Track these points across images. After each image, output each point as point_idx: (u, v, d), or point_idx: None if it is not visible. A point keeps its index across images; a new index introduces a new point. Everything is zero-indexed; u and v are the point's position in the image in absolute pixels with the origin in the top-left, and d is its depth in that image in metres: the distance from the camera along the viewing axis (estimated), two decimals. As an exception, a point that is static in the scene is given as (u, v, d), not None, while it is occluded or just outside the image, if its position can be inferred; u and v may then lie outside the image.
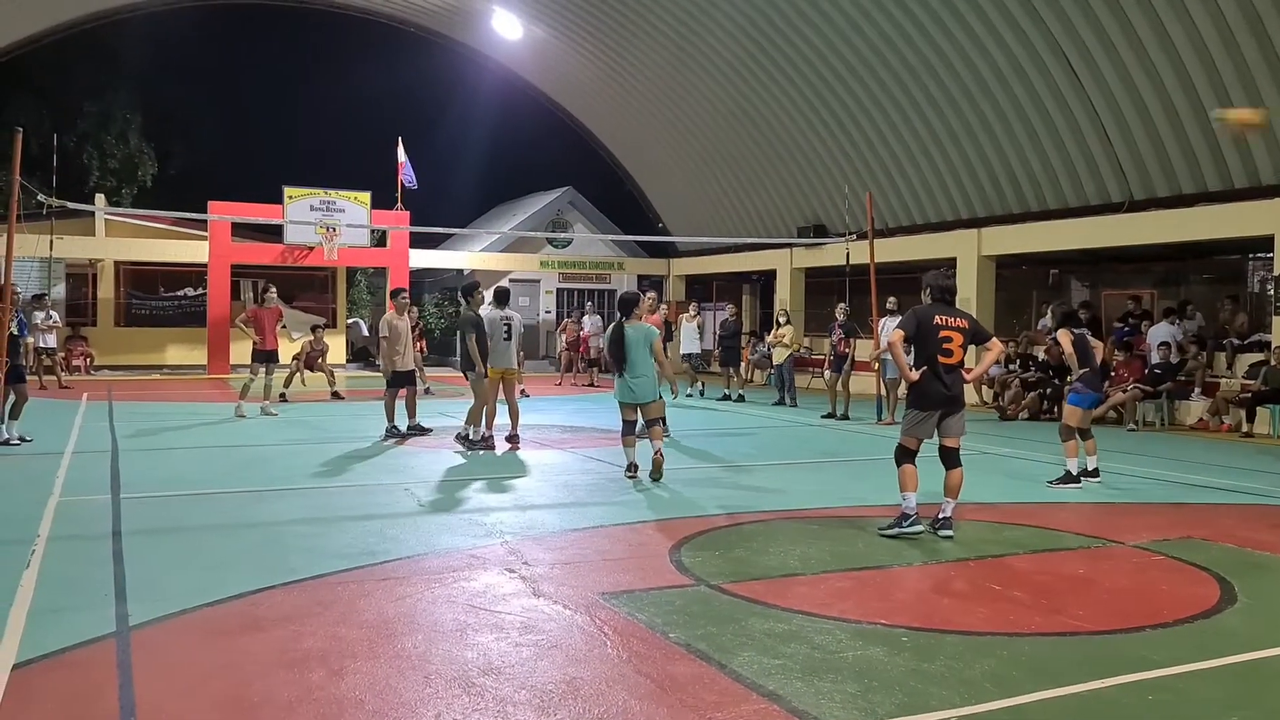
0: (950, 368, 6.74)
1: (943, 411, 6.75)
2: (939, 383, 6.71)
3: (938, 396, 6.72)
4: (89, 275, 25.10)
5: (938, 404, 6.73)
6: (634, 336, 8.76)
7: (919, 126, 18.91)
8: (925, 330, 6.76)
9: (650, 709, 3.69)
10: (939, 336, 6.71)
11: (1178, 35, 14.00)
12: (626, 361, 8.73)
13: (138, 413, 14.30)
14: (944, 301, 6.94)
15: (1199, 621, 4.92)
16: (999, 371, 16.76)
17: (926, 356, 6.74)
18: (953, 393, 6.76)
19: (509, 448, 10.80)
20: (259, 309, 14.33)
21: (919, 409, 6.82)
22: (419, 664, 4.15)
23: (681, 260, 28.45)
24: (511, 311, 11.21)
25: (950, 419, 6.78)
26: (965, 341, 6.80)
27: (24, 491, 8.02)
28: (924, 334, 6.76)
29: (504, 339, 10.91)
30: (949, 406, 6.75)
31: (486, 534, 6.62)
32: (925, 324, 6.77)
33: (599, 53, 24.86)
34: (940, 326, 6.73)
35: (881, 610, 4.96)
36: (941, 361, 6.70)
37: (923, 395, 6.78)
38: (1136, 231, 15.77)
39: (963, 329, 6.78)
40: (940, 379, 6.70)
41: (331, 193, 23.31)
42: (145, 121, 34.97)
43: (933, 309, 6.86)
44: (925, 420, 6.79)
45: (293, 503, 7.78)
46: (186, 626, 4.64)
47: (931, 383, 6.72)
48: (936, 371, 6.70)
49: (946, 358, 6.71)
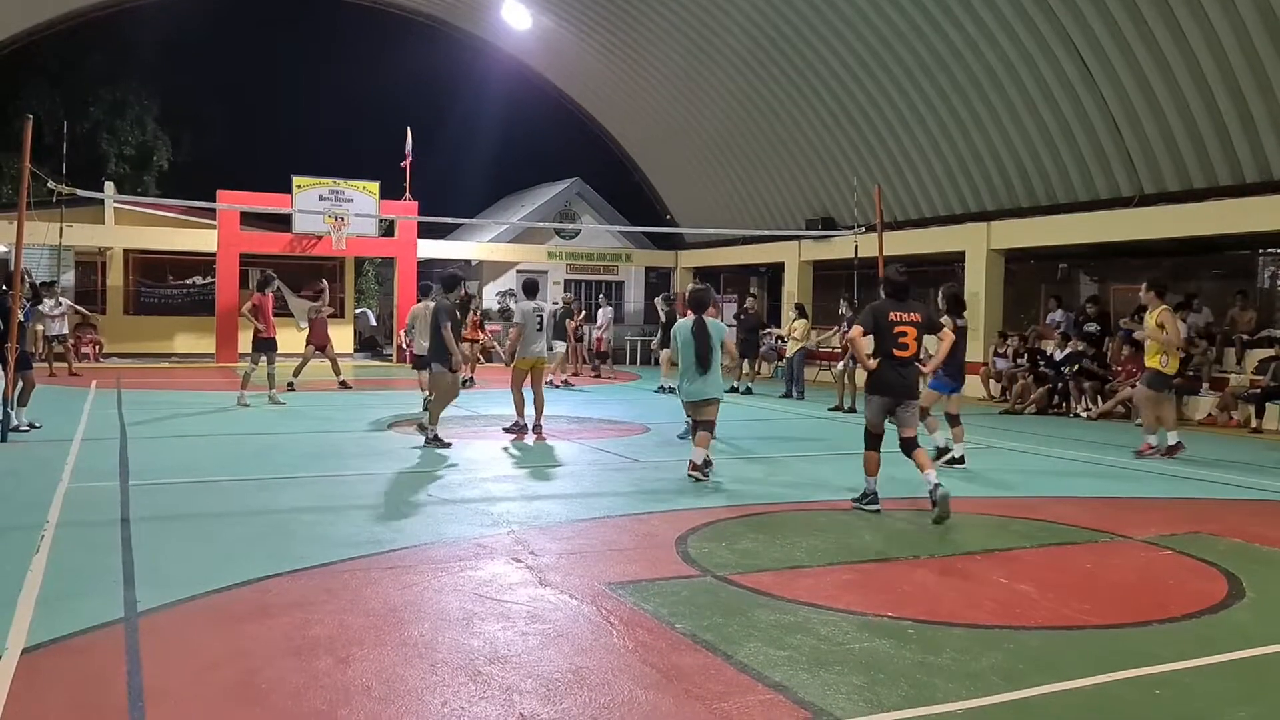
0: (904, 360, 7.22)
1: (897, 400, 7.24)
2: (895, 373, 7.22)
3: (894, 386, 7.23)
4: (98, 263, 25.17)
5: (893, 392, 7.24)
6: (714, 334, 8.56)
7: (928, 119, 18.84)
8: (881, 325, 7.23)
9: (656, 698, 3.70)
10: (894, 331, 7.18)
11: (1190, 28, 13.92)
12: (710, 359, 8.51)
13: (146, 401, 14.34)
14: (897, 297, 7.37)
15: (1206, 617, 4.91)
16: (1007, 366, 16.73)
17: (883, 350, 7.23)
18: (907, 382, 7.26)
19: (535, 438, 10.83)
20: (261, 296, 14.32)
21: (877, 396, 7.32)
22: (425, 652, 4.17)
23: (689, 252, 28.42)
24: (541, 302, 11.30)
25: (903, 410, 7.28)
26: (919, 334, 7.28)
27: (33, 478, 8.06)
28: (880, 328, 7.23)
29: (536, 329, 10.97)
30: (904, 395, 7.25)
31: (493, 523, 6.63)
32: (881, 319, 7.25)
33: (608, 43, 24.80)
34: (895, 322, 7.20)
35: (888, 603, 4.96)
36: (896, 355, 7.19)
37: (879, 384, 7.30)
38: (1146, 226, 15.69)
39: (916, 322, 7.26)
40: (896, 370, 7.21)
41: (340, 182, 23.32)
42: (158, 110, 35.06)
43: (887, 304, 7.33)
44: (880, 406, 7.31)
45: (300, 491, 7.80)
46: (194, 613, 4.66)
47: (887, 373, 7.23)
48: (892, 363, 7.21)
49: (901, 351, 7.20)
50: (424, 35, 29.74)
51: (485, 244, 27.83)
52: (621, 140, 29.29)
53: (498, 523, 6.66)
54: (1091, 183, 16.87)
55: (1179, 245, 16.38)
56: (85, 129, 32.27)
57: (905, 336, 7.18)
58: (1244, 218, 14.27)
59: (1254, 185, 14.41)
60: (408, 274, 24.39)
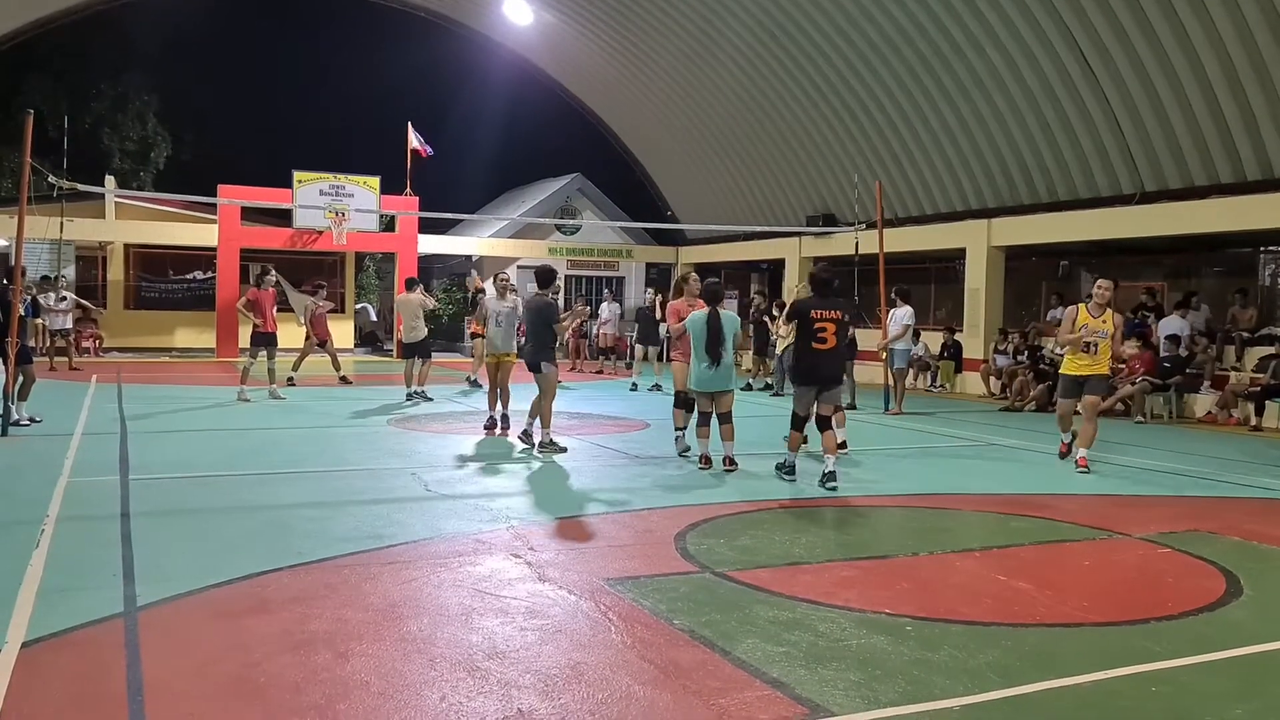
0: (823, 352, 7.96)
1: (819, 388, 8.06)
2: (815, 364, 8.02)
3: (813, 375, 8.07)
4: (99, 258, 25.17)
5: (814, 381, 8.08)
6: (728, 325, 8.68)
7: (930, 115, 18.82)
8: (804, 320, 8.04)
9: (654, 694, 3.71)
10: (814, 327, 7.94)
11: (1192, 25, 13.90)
12: (723, 349, 8.63)
13: (146, 395, 14.35)
14: (820, 294, 8.16)
15: (1204, 614, 4.91)
16: (1007, 363, 16.72)
17: (805, 343, 8.03)
18: (825, 373, 8.03)
19: (504, 432, 10.87)
20: (258, 291, 14.31)
21: (799, 384, 8.25)
22: (424, 647, 4.17)
23: (690, 248, 28.40)
24: (516, 299, 11.28)
25: (826, 394, 8.06)
26: (839, 330, 7.98)
27: (33, 472, 8.06)
28: (803, 323, 8.05)
29: (495, 325, 11.08)
30: (824, 384, 8.06)
31: (492, 519, 6.64)
32: (804, 315, 8.06)
33: (609, 39, 24.78)
34: (815, 319, 7.94)
35: (886, 599, 4.96)
36: (816, 348, 7.95)
37: (803, 375, 8.20)
38: (1147, 223, 15.68)
39: (836, 319, 7.97)
40: (815, 361, 7.99)
41: (341, 177, 23.31)
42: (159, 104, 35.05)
43: (810, 301, 8.15)
44: (805, 394, 8.17)
45: (300, 486, 7.81)
46: (194, 607, 4.67)
47: (808, 363, 8.07)
48: (814, 355, 7.99)
49: (821, 344, 7.94)
50: (426, 30, 29.76)
51: (486, 239, 27.82)
52: (623, 136, 29.28)
53: (497, 518, 6.67)
54: (1093, 180, 16.85)
55: (1180, 243, 16.38)
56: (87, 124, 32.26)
57: (825, 331, 7.91)
58: (1245, 215, 14.25)
59: (1255, 183, 14.39)
60: (408, 269, 24.40)
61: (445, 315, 27.27)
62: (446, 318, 27.51)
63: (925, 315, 20.02)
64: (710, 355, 8.57)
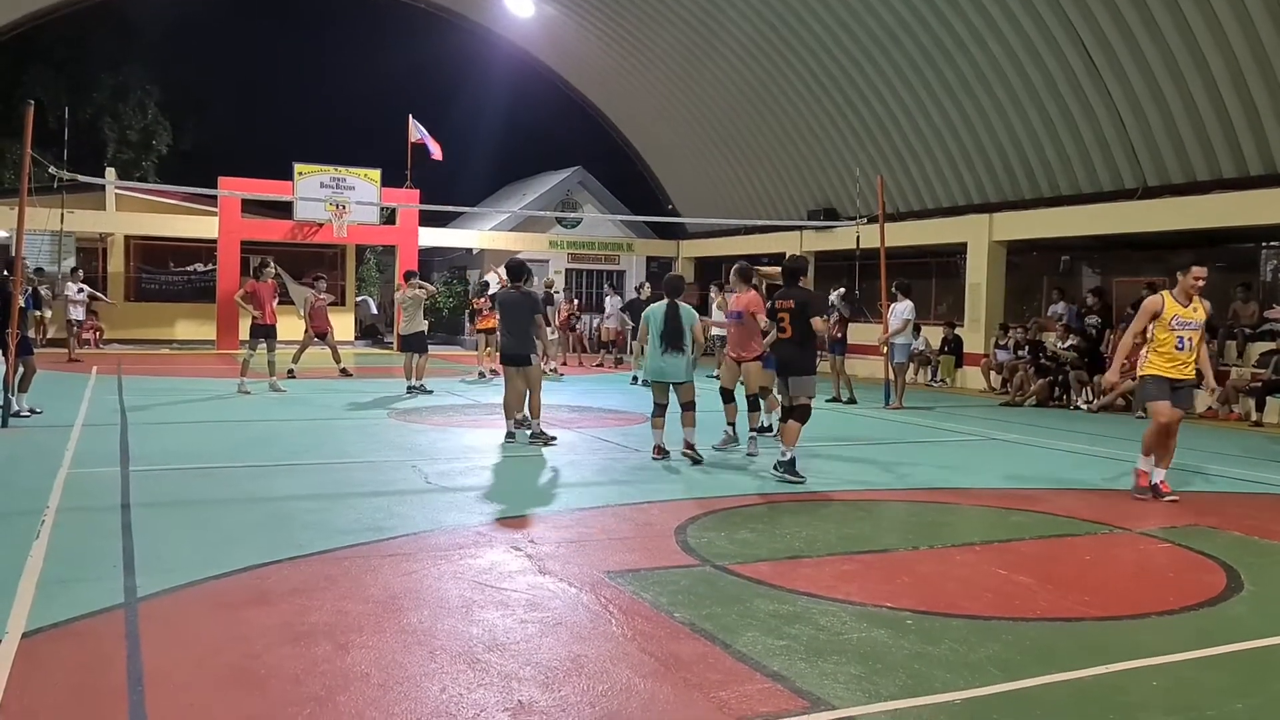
0: (784, 341, 8.25)
1: (781, 373, 8.31)
2: (775, 353, 8.48)
3: (778, 362, 8.44)
4: (99, 249, 25.15)
5: (777, 368, 8.50)
6: (686, 318, 8.84)
7: (931, 109, 18.78)
8: (770, 312, 8.50)
9: (654, 687, 3.70)
10: (777, 316, 8.29)
11: (1194, 19, 13.86)
12: (680, 341, 8.77)
13: (147, 387, 14.35)
14: (786, 284, 8.39)
15: (1205, 609, 4.91)
16: (1007, 358, 16.71)
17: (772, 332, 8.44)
18: (783, 359, 8.30)
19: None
20: (257, 283, 14.29)
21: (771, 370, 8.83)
22: (424, 639, 4.17)
23: (690, 242, 28.37)
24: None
25: (793, 380, 8.13)
26: (794, 319, 8.12)
27: (34, 463, 8.07)
28: (771, 313, 8.46)
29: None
30: (786, 371, 8.25)
31: (493, 512, 6.64)
32: (771, 306, 8.49)
33: (611, 32, 24.73)
34: (778, 309, 8.25)
35: (886, 593, 4.96)
36: (779, 337, 8.30)
37: (769, 361, 8.83)
38: (1150, 218, 15.66)
39: (789, 309, 8.14)
40: (781, 349, 8.32)
41: (342, 169, 23.29)
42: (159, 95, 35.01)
43: (779, 292, 8.42)
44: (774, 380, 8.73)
45: (300, 478, 7.81)
46: (194, 598, 4.67)
47: (774, 351, 8.54)
48: (775, 344, 8.42)
49: (781, 333, 8.25)
50: (427, 23, 29.70)
51: (487, 233, 27.79)
52: (624, 129, 29.22)
53: (497, 511, 6.67)
54: (1094, 174, 16.82)
55: (1182, 237, 16.34)
56: (87, 115, 32.21)
57: (784, 320, 8.19)
58: (1248, 210, 14.23)
59: (1258, 178, 14.36)
60: (408, 262, 24.36)
61: (445, 308, 27.27)
62: (447, 310, 27.50)
63: (926, 310, 20.01)
64: (670, 346, 8.76)
